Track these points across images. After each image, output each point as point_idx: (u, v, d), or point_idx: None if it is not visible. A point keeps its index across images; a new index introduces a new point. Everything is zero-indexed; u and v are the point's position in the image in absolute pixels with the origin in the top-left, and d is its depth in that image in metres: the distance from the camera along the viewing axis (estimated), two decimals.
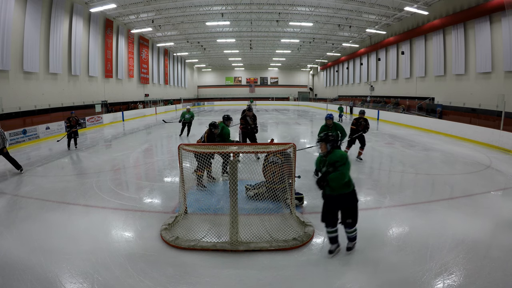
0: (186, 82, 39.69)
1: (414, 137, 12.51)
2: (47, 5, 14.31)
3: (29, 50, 13.22)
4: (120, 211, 4.61)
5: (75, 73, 16.83)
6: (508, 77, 12.79)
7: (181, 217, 4.20)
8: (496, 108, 11.78)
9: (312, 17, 20.23)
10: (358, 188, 5.65)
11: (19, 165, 6.92)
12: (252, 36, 26.19)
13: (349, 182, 3.27)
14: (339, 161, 3.19)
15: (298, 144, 10.26)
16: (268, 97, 42.91)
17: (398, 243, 3.67)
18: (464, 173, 7.00)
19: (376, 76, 25.63)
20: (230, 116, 6.76)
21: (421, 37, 18.76)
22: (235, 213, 3.48)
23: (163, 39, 27.10)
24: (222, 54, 34.41)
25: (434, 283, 2.84)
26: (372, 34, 24.37)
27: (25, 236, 3.84)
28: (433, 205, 4.81)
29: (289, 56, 35.78)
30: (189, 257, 3.33)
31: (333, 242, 3.37)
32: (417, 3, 16.35)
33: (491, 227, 4.10)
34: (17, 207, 4.90)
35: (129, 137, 13.25)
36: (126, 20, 21.17)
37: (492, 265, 3.12)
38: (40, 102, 14.24)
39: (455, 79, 16.18)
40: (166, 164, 7.99)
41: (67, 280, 2.89)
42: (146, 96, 27.06)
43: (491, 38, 13.42)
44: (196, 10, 19.61)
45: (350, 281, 2.89)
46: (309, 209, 4.64)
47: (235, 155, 3.76)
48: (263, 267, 3.16)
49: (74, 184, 6.13)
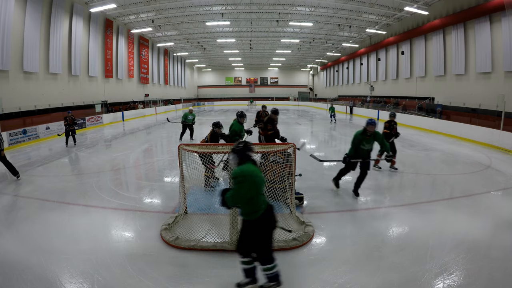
0: (186, 82, 39.68)
1: (414, 137, 12.50)
2: (47, 5, 14.31)
3: (29, 50, 13.22)
4: (120, 211, 4.61)
5: (75, 73, 16.83)
6: (508, 77, 12.79)
7: (181, 217, 4.20)
8: (496, 108, 11.78)
9: (312, 17, 20.23)
10: (360, 188, 5.64)
11: (16, 171, 6.37)
12: (252, 36, 26.19)
13: (253, 207, 2.51)
14: (237, 178, 2.46)
15: (298, 144, 10.24)
16: (268, 97, 42.86)
17: (398, 243, 3.67)
18: (464, 173, 7.00)
19: (376, 76, 25.63)
20: (244, 113, 6.33)
21: (421, 37, 18.76)
22: (235, 213, 3.48)
23: (163, 39, 27.10)
24: (222, 54, 34.41)
25: (434, 283, 2.84)
26: (372, 34, 24.37)
27: (25, 236, 3.84)
28: (433, 205, 4.81)
29: (289, 56, 35.78)
30: (189, 257, 3.33)
31: (246, 275, 2.73)
32: (417, 3, 16.35)
33: (491, 227, 4.10)
34: (17, 207, 4.90)
35: (129, 137, 13.25)
36: (126, 20, 21.17)
37: (492, 265, 3.13)
38: (40, 102, 14.24)
39: (455, 79, 16.18)
40: (166, 164, 7.99)
41: (67, 280, 2.89)
42: (146, 96, 27.07)
43: (491, 38, 13.42)
44: (196, 10, 19.62)
45: (350, 281, 2.89)
46: (309, 209, 4.64)
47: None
48: None
49: (74, 184, 6.13)
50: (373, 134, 4.95)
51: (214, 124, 5.81)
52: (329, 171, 7.15)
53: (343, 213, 4.58)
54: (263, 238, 2.55)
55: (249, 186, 2.45)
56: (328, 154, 9.16)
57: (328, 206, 4.81)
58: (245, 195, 2.46)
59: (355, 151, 5.04)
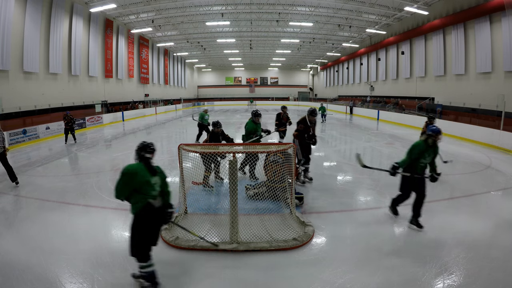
0: (186, 82, 39.68)
1: (414, 137, 12.45)
2: (47, 5, 14.31)
3: (29, 50, 13.22)
4: (120, 211, 4.60)
5: (75, 73, 16.83)
6: (508, 77, 12.79)
7: (181, 217, 4.20)
8: (496, 108, 11.78)
9: (312, 17, 20.23)
10: (359, 188, 5.66)
11: (15, 177, 5.99)
12: (252, 36, 26.19)
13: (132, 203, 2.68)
14: (121, 172, 2.69)
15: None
16: (268, 97, 42.86)
17: (398, 243, 3.67)
18: (464, 173, 7.00)
19: (376, 76, 25.63)
20: (259, 112, 6.23)
21: (421, 37, 18.76)
22: (235, 213, 3.48)
23: (163, 39, 27.10)
24: (222, 54, 34.40)
25: (434, 283, 2.84)
26: (372, 34, 24.37)
27: (25, 236, 3.84)
28: (433, 205, 4.81)
29: (289, 56, 35.78)
30: (189, 257, 3.33)
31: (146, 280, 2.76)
32: (417, 3, 16.35)
33: (491, 227, 4.10)
34: (17, 207, 4.90)
35: (129, 137, 13.26)
36: (126, 20, 21.17)
37: (492, 265, 3.12)
38: (40, 102, 14.24)
39: (455, 79, 16.18)
40: (166, 164, 7.98)
41: (67, 280, 2.89)
42: (146, 96, 27.07)
43: (491, 38, 13.42)
44: (196, 10, 19.62)
45: (350, 281, 2.89)
46: (309, 209, 4.64)
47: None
48: (263, 267, 3.16)
49: (74, 184, 6.13)
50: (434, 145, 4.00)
51: (213, 123, 5.83)
52: (329, 171, 7.16)
53: (343, 213, 4.58)
54: (136, 234, 2.68)
55: (123, 182, 2.64)
56: (328, 154, 9.15)
57: (328, 206, 4.81)
58: (120, 190, 2.66)
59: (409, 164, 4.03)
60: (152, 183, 2.69)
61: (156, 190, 2.73)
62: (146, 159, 2.77)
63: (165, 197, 2.83)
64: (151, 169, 2.75)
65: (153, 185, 2.69)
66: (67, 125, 10.81)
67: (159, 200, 2.74)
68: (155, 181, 2.72)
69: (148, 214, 2.67)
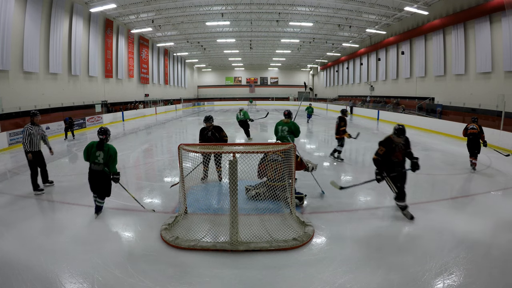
0: (186, 82, 39.69)
1: (414, 137, 12.49)
2: (47, 5, 14.31)
3: (29, 50, 13.23)
4: (120, 211, 4.61)
5: (75, 73, 16.84)
6: (508, 77, 12.79)
7: (181, 217, 4.20)
8: (496, 108, 11.78)
9: (312, 17, 20.24)
10: (359, 188, 5.64)
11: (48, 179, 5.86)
12: (252, 36, 26.19)
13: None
14: None
15: (298, 143, 10.24)
16: (268, 97, 42.88)
17: (398, 243, 3.67)
18: (464, 173, 6.99)
19: (376, 76, 25.63)
20: (289, 112, 6.47)
21: (421, 37, 18.76)
22: (235, 213, 3.48)
23: (163, 39, 27.10)
24: (222, 54, 34.41)
25: (434, 283, 2.83)
26: (372, 34, 24.38)
27: (25, 236, 3.83)
28: (433, 205, 4.81)
29: (289, 56, 35.78)
30: (189, 257, 3.32)
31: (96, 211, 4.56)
32: (417, 3, 16.36)
33: (491, 227, 4.09)
34: (17, 207, 4.90)
35: (129, 137, 13.25)
36: (126, 20, 21.18)
37: (492, 265, 3.12)
38: (40, 102, 14.24)
39: (455, 79, 16.19)
40: (166, 164, 7.99)
41: (67, 280, 2.89)
42: (146, 96, 27.07)
43: (491, 38, 13.42)
44: (196, 10, 19.62)
45: (350, 281, 2.88)
46: (309, 209, 4.64)
47: None
48: (263, 267, 3.16)
49: (74, 184, 6.13)
50: None
51: (204, 117, 6.01)
52: (329, 171, 7.16)
53: (343, 213, 4.58)
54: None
55: (85, 150, 4.28)
56: (328, 153, 9.14)
57: (328, 206, 4.81)
58: (84, 154, 4.31)
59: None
60: (96, 155, 4.19)
61: (99, 159, 4.18)
62: (100, 139, 4.24)
63: (109, 166, 4.24)
64: (100, 145, 4.19)
65: (97, 156, 4.19)
66: (67, 123, 12.07)
67: (101, 166, 4.21)
68: (98, 154, 4.18)
69: (90, 172, 4.31)
